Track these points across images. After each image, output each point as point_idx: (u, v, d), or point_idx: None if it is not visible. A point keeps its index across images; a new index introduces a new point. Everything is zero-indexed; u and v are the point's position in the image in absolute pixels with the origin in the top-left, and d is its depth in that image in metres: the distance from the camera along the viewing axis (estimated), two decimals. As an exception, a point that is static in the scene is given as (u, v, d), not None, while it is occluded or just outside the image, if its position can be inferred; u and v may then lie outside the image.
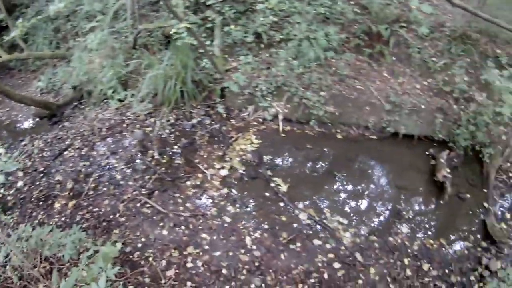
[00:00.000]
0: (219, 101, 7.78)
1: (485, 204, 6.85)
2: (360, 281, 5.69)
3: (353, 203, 6.72)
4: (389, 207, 6.73)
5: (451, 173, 7.01)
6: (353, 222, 6.42)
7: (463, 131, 7.32)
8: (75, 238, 5.23)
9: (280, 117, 7.54)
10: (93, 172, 6.96)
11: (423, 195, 6.96)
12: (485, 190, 7.06)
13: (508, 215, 6.87)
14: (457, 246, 6.33)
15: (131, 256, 5.71)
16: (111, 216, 6.22)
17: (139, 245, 5.83)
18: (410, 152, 7.57)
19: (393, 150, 7.55)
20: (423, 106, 7.65)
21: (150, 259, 5.67)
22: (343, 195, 6.81)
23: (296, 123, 7.67)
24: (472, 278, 5.90)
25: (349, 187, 6.96)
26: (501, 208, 6.99)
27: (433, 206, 6.83)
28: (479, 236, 6.48)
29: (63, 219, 6.22)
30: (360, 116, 7.60)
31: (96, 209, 6.34)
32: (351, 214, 6.55)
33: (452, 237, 6.44)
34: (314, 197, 6.69)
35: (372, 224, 6.45)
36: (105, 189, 6.66)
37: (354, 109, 7.61)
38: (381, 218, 6.59)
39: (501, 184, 7.35)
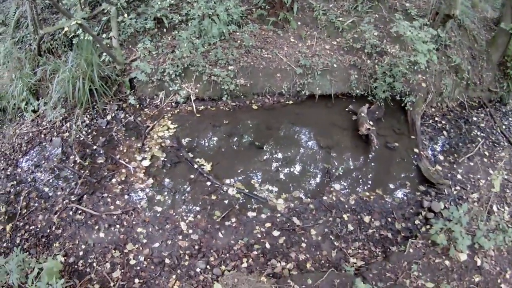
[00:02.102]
0: (129, 93, 7.40)
1: (416, 150, 6.87)
2: (303, 244, 5.60)
3: (280, 170, 6.56)
4: (318, 168, 6.63)
5: (375, 125, 6.98)
6: (284, 188, 6.28)
7: (380, 84, 7.30)
8: (18, 261, 5.00)
9: (192, 97, 7.26)
10: (22, 190, 6.53)
11: (350, 151, 6.90)
12: (413, 137, 7.08)
13: (441, 157, 6.94)
14: (395, 194, 6.33)
15: (76, 266, 5.46)
16: (48, 231, 5.90)
17: (81, 253, 5.58)
18: (330, 111, 7.48)
19: (312, 112, 7.43)
20: (335, 65, 7.56)
21: (95, 264, 5.44)
22: (269, 164, 6.63)
23: (209, 101, 7.42)
24: (417, 222, 5.93)
25: (274, 154, 6.78)
26: (432, 152, 7.03)
27: (362, 160, 6.79)
28: (416, 181, 6.49)
29: (5, 245, 5.91)
30: (273, 84, 7.42)
31: (33, 227, 5.99)
32: (281, 181, 6.40)
33: (389, 186, 6.44)
34: (240, 171, 6.50)
35: (304, 187, 6.33)
36: (36, 204, 6.27)
37: (266, 78, 7.41)
38: (312, 180, 6.47)
39: (428, 129, 7.44)
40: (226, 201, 6.04)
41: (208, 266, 5.35)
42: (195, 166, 6.42)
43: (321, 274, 4.99)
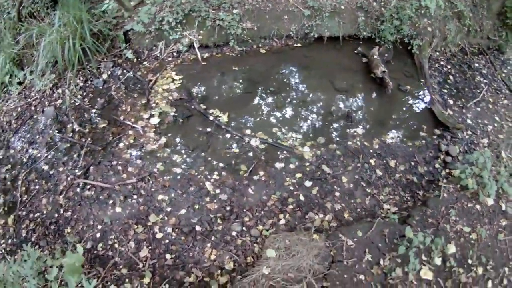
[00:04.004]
0: (125, 47, 6.31)
1: (427, 93, 6.47)
2: (337, 193, 5.03)
3: (300, 116, 5.84)
4: (337, 112, 5.96)
5: (386, 68, 6.41)
6: (307, 135, 5.60)
7: (388, 26, 6.75)
8: (31, 265, 3.89)
9: (196, 45, 6.23)
10: (19, 173, 5.42)
11: (365, 94, 6.32)
12: (422, 80, 6.69)
13: (450, 101, 6.56)
14: (414, 137, 5.88)
15: (95, 251, 4.52)
16: (56, 215, 4.87)
17: (98, 234, 4.62)
18: (339, 54, 6.81)
19: (321, 55, 6.72)
20: (343, 7, 6.80)
21: (117, 245, 4.53)
22: (287, 110, 5.88)
23: (215, 47, 6.43)
24: (436, 165, 5.60)
25: (291, 100, 6.02)
26: (442, 96, 6.59)
27: (378, 102, 6.23)
28: (431, 124, 6.11)
29: (9, 241, 4.88)
30: (281, 26, 6.54)
31: (38, 214, 4.96)
32: (302, 127, 5.71)
33: (407, 130, 5.99)
34: (259, 119, 5.68)
35: (327, 132, 5.69)
36: (37, 187, 5.20)
37: (273, 20, 6.51)
38: (333, 124, 5.84)
39: (435, 72, 7.02)
40: (250, 154, 5.21)
41: (244, 228, 4.60)
42: (211, 118, 5.49)
43: (368, 225, 4.46)
